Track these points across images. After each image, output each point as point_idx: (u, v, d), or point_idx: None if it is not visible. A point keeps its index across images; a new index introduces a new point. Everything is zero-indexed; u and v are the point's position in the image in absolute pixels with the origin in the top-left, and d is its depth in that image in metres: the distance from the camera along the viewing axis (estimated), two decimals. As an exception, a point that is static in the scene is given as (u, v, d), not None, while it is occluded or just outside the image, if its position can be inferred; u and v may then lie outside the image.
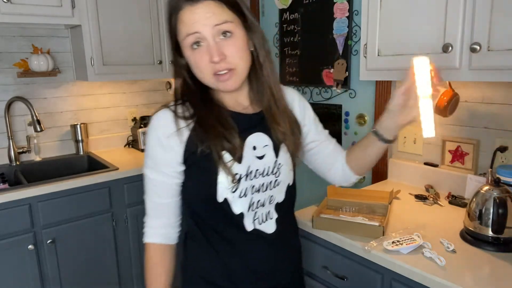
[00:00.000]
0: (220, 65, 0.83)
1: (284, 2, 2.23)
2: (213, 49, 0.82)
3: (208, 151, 0.85)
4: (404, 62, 1.34)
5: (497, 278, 1.00)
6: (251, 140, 0.91)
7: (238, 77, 0.87)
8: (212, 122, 0.87)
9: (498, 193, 1.12)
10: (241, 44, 0.86)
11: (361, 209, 1.40)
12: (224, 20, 0.83)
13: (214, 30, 0.82)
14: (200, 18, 0.81)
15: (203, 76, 0.86)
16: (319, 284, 1.40)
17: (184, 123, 0.87)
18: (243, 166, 0.89)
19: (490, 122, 1.47)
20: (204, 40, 0.83)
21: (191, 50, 0.85)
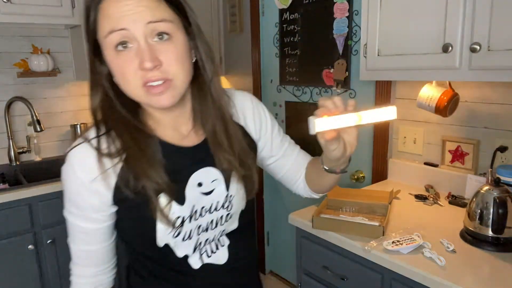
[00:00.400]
0: (153, 74, 0.66)
1: (284, 2, 2.23)
2: (145, 52, 0.65)
3: (141, 196, 0.70)
4: (404, 62, 1.36)
5: (497, 278, 1.00)
6: (196, 177, 0.76)
7: (175, 91, 0.69)
8: (144, 163, 0.70)
9: (498, 193, 1.12)
10: (181, 51, 0.69)
11: (361, 209, 1.40)
12: (161, 18, 0.66)
13: (147, 29, 0.65)
14: (129, 11, 0.64)
15: (130, 87, 0.68)
16: (319, 284, 1.40)
17: (110, 163, 0.70)
18: (186, 207, 0.75)
19: (490, 122, 1.47)
20: (133, 40, 0.65)
21: (114, 52, 0.66)
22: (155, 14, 0.66)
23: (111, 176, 0.71)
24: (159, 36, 0.66)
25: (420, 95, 1.52)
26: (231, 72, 2.74)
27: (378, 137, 1.85)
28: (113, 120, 0.73)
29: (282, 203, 2.54)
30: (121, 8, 0.64)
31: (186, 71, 0.70)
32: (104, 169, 0.70)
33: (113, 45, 0.66)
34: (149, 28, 0.65)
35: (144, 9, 0.65)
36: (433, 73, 1.30)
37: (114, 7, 0.65)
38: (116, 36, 0.65)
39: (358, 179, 1.99)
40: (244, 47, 2.55)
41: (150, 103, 0.70)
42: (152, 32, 0.66)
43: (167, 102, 0.69)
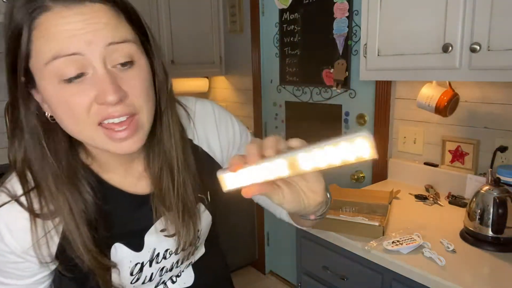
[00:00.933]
0: (116, 109, 0.51)
1: (284, 2, 2.23)
2: (106, 82, 0.49)
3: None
4: (404, 62, 1.36)
5: (497, 278, 1.00)
6: (158, 225, 0.66)
7: (143, 132, 0.56)
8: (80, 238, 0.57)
9: (498, 193, 1.12)
10: (146, 78, 0.55)
11: (361, 209, 1.40)
12: (123, 38, 0.52)
13: (108, 53, 0.50)
14: (82, 29, 0.48)
15: (79, 128, 0.52)
16: (319, 284, 1.40)
17: (49, 226, 0.57)
18: (144, 253, 0.66)
19: (490, 122, 1.47)
20: (88, 68, 0.50)
21: (59, 85, 0.50)
22: (116, 33, 0.51)
23: (52, 237, 0.58)
24: (121, 63, 0.52)
25: (420, 95, 1.52)
26: (231, 72, 2.74)
27: (378, 137, 1.85)
28: (41, 171, 0.56)
29: (282, 203, 2.54)
30: (70, 25, 0.48)
31: (151, 102, 0.56)
32: (37, 237, 0.56)
33: (58, 75, 0.49)
34: (109, 51, 0.50)
35: (103, 26, 0.50)
36: (433, 73, 1.30)
37: (59, 24, 0.48)
38: (64, 63, 0.48)
39: (358, 179, 1.99)
40: (244, 47, 2.55)
41: (109, 148, 0.54)
42: (113, 55, 0.51)
43: (132, 148, 0.55)
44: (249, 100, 2.61)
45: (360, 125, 1.97)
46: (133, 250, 0.64)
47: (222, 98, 2.88)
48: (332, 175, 2.22)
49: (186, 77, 2.67)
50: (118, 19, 0.52)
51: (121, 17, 0.52)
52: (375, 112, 1.85)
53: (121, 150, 0.54)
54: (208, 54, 2.66)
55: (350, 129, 2.03)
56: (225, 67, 2.75)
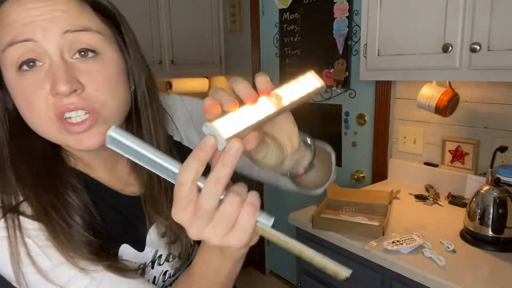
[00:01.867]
0: (71, 100, 0.48)
1: (284, 2, 2.23)
2: (59, 72, 0.47)
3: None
4: (404, 62, 1.36)
5: (497, 278, 1.00)
6: (157, 229, 0.65)
7: (105, 127, 0.51)
8: (69, 251, 0.52)
9: (498, 193, 1.12)
10: (112, 72, 0.52)
11: (361, 209, 1.40)
12: (84, 26, 0.49)
13: (65, 41, 0.48)
14: (38, 16, 0.47)
15: (38, 121, 0.50)
16: (319, 284, 1.40)
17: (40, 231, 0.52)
18: (147, 253, 0.63)
19: (490, 122, 1.47)
20: (43, 56, 0.48)
21: (16, 73, 0.48)
22: (76, 21, 0.48)
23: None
24: (81, 53, 0.49)
25: (420, 95, 1.52)
26: (231, 72, 2.74)
27: (378, 137, 1.85)
28: (19, 174, 0.52)
29: (282, 203, 2.54)
30: (27, 12, 0.47)
31: (119, 98, 0.53)
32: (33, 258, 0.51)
33: (13, 62, 0.48)
34: (67, 40, 0.48)
35: (60, 14, 0.47)
36: (433, 73, 1.30)
37: (18, 11, 0.47)
38: (19, 49, 0.47)
39: (358, 179, 1.99)
40: (244, 47, 2.55)
41: (67, 143, 0.51)
42: (72, 45, 0.48)
43: (93, 142, 0.50)
44: (249, 100, 2.61)
45: (360, 125, 1.97)
46: (136, 249, 0.62)
47: (222, 98, 2.88)
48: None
49: (186, 77, 2.67)
50: (81, 7, 0.50)
51: (84, 5, 0.51)
52: (375, 112, 1.85)
53: (81, 145, 0.50)
54: (208, 54, 2.66)
55: (350, 129, 2.03)
56: (225, 67, 2.75)
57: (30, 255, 0.51)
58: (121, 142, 0.38)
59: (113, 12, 0.55)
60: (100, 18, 0.52)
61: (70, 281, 0.52)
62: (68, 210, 0.53)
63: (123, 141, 0.38)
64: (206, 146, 0.36)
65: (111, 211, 0.60)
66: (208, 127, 0.37)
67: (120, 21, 0.56)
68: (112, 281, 0.54)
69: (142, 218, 0.63)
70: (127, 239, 0.61)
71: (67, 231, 0.52)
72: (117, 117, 0.54)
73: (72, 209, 0.54)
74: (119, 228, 0.61)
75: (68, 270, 0.52)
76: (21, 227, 0.51)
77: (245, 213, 0.38)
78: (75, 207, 0.54)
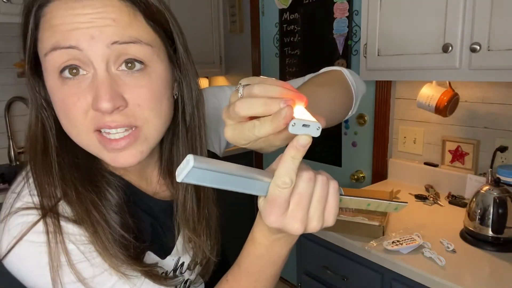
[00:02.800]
0: (113, 119, 0.46)
1: (284, 2, 2.23)
2: (103, 86, 0.45)
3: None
4: (404, 62, 1.35)
5: (497, 278, 1.00)
6: (184, 236, 0.64)
7: (145, 145, 0.50)
8: (108, 254, 0.51)
9: (498, 193, 1.12)
10: (158, 87, 0.49)
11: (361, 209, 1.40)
12: (134, 38, 0.46)
13: (112, 52, 0.45)
14: (86, 23, 0.44)
15: (76, 132, 0.48)
16: (319, 284, 1.40)
17: (81, 236, 0.51)
18: (168, 261, 0.61)
19: (490, 122, 1.47)
20: (88, 66, 0.46)
21: (58, 78, 0.46)
22: (125, 32, 0.45)
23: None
24: (128, 65, 0.47)
25: (420, 95, 1.52)
26: (231, 72, 2.74)
27: (378, 137, 1.85)
28: (61, 173, 0.51)
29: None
30: (74, 18, 0.44)
31: (162, 114, 0.51)
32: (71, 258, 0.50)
33: (56, 68, 0.45)
34: (114, 51, 0.45)
35: (109, 22, 0.44)
36: (433, 73, 1.30)
37: (64, 15, 0.44)
38: (62, 56, 0.45)
39: (358, 179, 1.99)
40: (244, 47, 2.55)
41: (103, 158, 0.49)
42: (118, 57, 0.46)
43: (130, 161, 0.49)
44: (249, 100, 2.61)
45: (360, 125, 1.97)
46: (159, 256, 0.60)
47: (222, 98, 2.88)
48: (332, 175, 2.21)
49: (186, 77, 2.67)
50: (133, 17, 0.46)
51: (136, 14, 0.47)
52: (375, 112, 1.85)
53: (116, 163, 0.49)
54: (208, 54, 2.66)
55: (350, 129, 2.03)
56: (225, 67, 2.75)
57: (71, 264, 0.49)
58: (204, 171, 0.35)
59: (167, 20, 0.51)
60: (152, 28, 0.49)
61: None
62: (107, 209, 0.52)
63: (208, 168, 0.35)
64: (303, 147, 0.36)
65: (145, 215, 0.59)
66: (297, 124, 0.36)
67: (173, 30, 0.52)
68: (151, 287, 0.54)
69: (171, 225, 0.62)
70: (154, 246, 0.59)
71: (107, 230, 0.50)
72: (158, 134, 0.52)
73: (112, 208, 0.52)
74: (150, 233, 0.59)
75: (109, 277, 0.51)
76: (62, 231, 0.49)
77: (332, 191, 0.41)
78: (116, 207, 0.53)
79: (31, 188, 0.51)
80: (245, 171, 0.38)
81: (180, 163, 0.35)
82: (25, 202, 0.50)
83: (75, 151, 0.52)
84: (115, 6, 0.45)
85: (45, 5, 0.45)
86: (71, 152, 0.52)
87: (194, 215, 0.60)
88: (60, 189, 0.51)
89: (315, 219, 0.41)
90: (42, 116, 0.52)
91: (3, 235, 0.49)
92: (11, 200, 0.51)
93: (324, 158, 2.18)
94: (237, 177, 0.38)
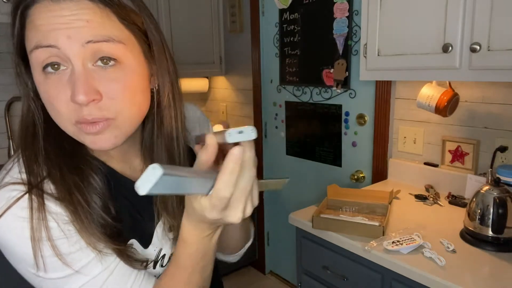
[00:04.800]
0: (89, 110, 0.51)
1: (284, 2, 2.23)
2: (79, 82, 0.50)
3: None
4: (404, 62, 1.35)
5: (497, 278, 1.00)
6: (165, 224, 0.67)
7: (118, 132, 0.55)
8: (88, 230, 0.55)
9: (498, 193, 1.12)
10: (132, 80, 0.54)
11: (361, 209, 1.40)
12: (106, 37, 0.51)
13: (86, 50, 0.50)
14: (63, 25, 0.49)
15: (60, 121, 0.54)
16: (319, 284, 1.40)
17: (63, 215, 0.55)
18: (150, 251, 0.64)
19: (490, 122, 1.47)
20: (67, 62, 0.51)
21: (42, 74, 0.51)
22: (98, 32, 0.50)
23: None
24: (103, 61, 0.51)
25: (420, 95, 1.52)
26: (231, 72, 2.74)
27: (378, 137, 1.85)
28: (47, 155, 0.56)
29: (282, 203, 2.54)
30: (53, 19, 0.49)
31: (136, 106, 0.55)
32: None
33: (39, 63, 0.51)
34: (89, 50, 0.50)
35: (84, 23, 0.49)
36: (433, 73, 1.30)
37: (44, 16, 0.49)
38: (44, 53, 0.50)
39: (358, 179, 1.99)
40: (244, 47, 2.55)
41: (84, 142, 0.55)
42: (94, 54, 0.51)
43: (106, 144, 0.54)
44: (249, 100, 2.61)
45: (360, 125, 1.97)
46: (142, 245, 0.64)
47: (222, 98, 2.88)
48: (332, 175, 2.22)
49: (186, 77, 2.67)
50: (106, 17, 0.51)
51: (109, 14, 0.51)
52: (375, 112, 1.85)
53: (95, 145, 0.54)
54: (208, 54, 2.66)
55: (350, 129, 2.03)
56: (225, 67, 2.75)
57: (51, 239, 0.53)
58: (172, 177, 0.37)
59: (140, 18, 0.55)
60: (125, 26, 0.53)
61: (85, 267, 0.55)
62: (89, 191, 0.56)
63: (176, 174, 0.37)
64: (238, 159, 0.43)
65: (126, 201, 0.62)
66: (232, 133, 0.42)
67: (146, 27, 0.56)
68: (123, 271, 0.58)
69: (151, 212, 0.65)
70: (136, 233, 0.63)
71: (87, 210, 0.55)
72: (132, 123, 0.57)
73: (93, 190, 0.57)
74: (130, 219, 0.63)
75: (86, 256, 0.55)
76: (45, 207, 0.53)
77: (254, 178, 0.47)
78: (97, 189, 0.57)
79: (21, 167, 0.56)
80: (200, 173, 0.43)
81: (141, 176, 0.36)
82: (14, 178, 0.55)
83: (61, 138, 0.57)
84: (89, 8, 0.50)
85: (29, 7, 0.50)
86: (58, 138, 0.57)
87: (172, 198, 0.64)
88: (46, 170, 0.56)
89: (249, 205, 0.48)
90: (31, 106, 0.57)
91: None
92: (1, 176, 0.56)
93: (324, 158, 2.18)
94: (196, 179, 0.42)
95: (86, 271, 0.55)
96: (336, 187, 1.53)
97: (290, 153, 2.40)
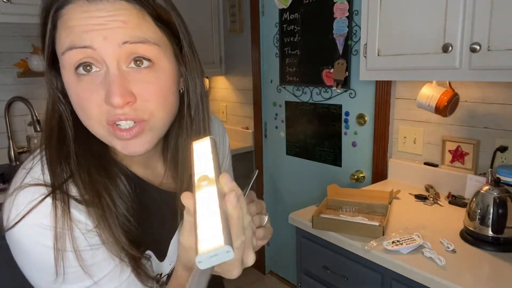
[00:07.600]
0: (123, 111, 0.50)
1: (284, 2, 2.22)
2: (115, 83, 0.49)
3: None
4: (404, 62, 1.36)
5: (497, 278, 1.00)
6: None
7: (152, 135, 0.55)
8: (113, 234, 0.54)
9: (498, 193, 1.12)
10: (165, 83, 0.54)
11: (361, 209, 1.40)
12: (142, 38, 0.50)
13: (122, 51, 0.50)
14: (99, 25, 0.48)
15: (90, 123, 0.53)
16: (319, 284, 1.40)
17: (86, 224, 0.53)
18: (165, 264, 0.64)
19: (490, 122, 1.47)
20: (101, 64, 0.50)
21: (74, 75, 0.51)
22: (135, 33, 0.50)
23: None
24: (136, 63, 0.51)
25: (420, 95, 1.52)
26: (231, 72, 2.74)
27: (378, 137, 1.85)
28: (75, 156, 0.55)
29: (282, 203, 2.54)
30: (89, 20, 0.48)
31: (168, 108, 0.55)
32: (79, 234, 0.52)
33: (72, 65, 0.50)
34: (125, 51, 0.50)
35: (120, 24, 0.49)
36: (433, 73, 1.30)
37: (79, 17, 0.48)
38: (78, 54, 0.49)
39: (358, 179, 1.99)
40: (244, 47, 2.55)
41: (115, 146, 0.54)
42: (128, 56, 0.50)
43: (139, 149, 0.54)
44: (249, 100, 2.61)
45: (360, 125, 1.97)
46: (157, 258, 0.62)
47: (222, 98, 2.88)
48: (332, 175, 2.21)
49: (186, 77, 2.67)
50: (142, 18, 0.51)
51: (145, 15, 0.51)
52: (375, 112, 1.85)
53: (127, 151, 0.54)
54: (208, 54, 2.66)
55: (350, 129, 2.03)
56: (225, 67, 2.75)
57: (77, 249, 0.52)
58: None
59: (173, 21, 0.55)
60: (159, 28, 0.53)
61: (104, 278, 0.54)
62: (116, 194, 0.56)
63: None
64: (236, 206, 0.42)
65: (146, 209, 0.61)
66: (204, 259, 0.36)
67: (179, 30, 0.56)
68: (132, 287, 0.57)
69: (171, 223, 0.64)
70: (153, 242, 0.61)
71: (115, 214, 0.54)
72: (164, 125, 0.56)
73: (121, 194, 0.56)
74: (149, 228, 0.61)
75: (107, 266, 0.55)
76: (70, 215, 0.52)
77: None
78: (124, 193, 0.57)
79: (43, 167, 0.54)
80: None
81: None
82: (35, 179, 0.53)
83: (90, 140, 0.56)
84: (125, 9, 0.49)
85: (62, 8, 0.50)
86: (86, 141, 0.57)
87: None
88: (76, 173, 0.54)
89: (254, 239, 0.49)
90: (59, 108, 0.56)
91: (12, 208, 0.51)
92: (22, 175, 0.54)
93: (324, 158, 2.18)
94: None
95: (103, 283, 0.55)
96: (336, 187, 1.53)
97: (290, 153, 2.40)
